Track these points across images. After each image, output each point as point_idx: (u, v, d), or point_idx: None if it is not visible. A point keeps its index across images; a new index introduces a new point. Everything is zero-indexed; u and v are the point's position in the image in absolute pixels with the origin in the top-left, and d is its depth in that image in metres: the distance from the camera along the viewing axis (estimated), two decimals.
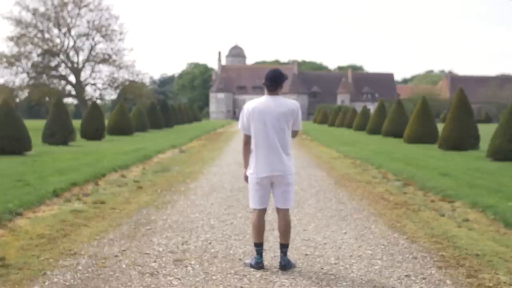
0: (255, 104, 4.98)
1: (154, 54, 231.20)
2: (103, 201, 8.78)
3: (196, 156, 17.79)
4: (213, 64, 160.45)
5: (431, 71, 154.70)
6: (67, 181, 10.57)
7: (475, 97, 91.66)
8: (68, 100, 59.21)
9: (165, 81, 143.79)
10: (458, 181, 11.04)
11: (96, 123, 26.44)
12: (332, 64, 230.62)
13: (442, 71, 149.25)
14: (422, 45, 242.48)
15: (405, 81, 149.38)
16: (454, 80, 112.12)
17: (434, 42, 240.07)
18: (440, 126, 25.54)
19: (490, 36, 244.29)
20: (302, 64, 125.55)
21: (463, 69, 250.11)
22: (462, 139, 20.51)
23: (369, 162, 15.54)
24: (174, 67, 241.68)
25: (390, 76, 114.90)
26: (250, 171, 5.03)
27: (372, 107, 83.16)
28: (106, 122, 31.81)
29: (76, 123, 27.77)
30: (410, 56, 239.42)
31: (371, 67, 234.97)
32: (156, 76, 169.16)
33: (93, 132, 26.27)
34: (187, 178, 11.77)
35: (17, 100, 53.05)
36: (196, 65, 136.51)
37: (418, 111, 25.53)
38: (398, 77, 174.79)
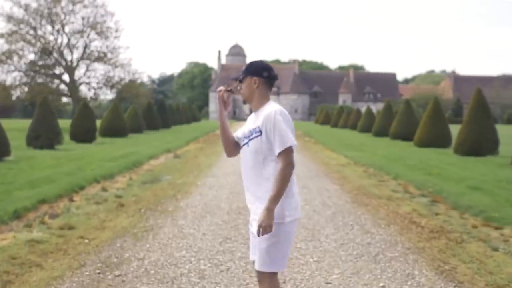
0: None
1: (153, 53, 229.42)
2: (72, 226, 7.14)
3: (191, 163, 16.15)
4: (213, 63, 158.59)
5: (432, 71, 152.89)
6: (36, 197, 8.96)
7: None
8: (64, 100, 57.37)
9: (164, 81, 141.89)
10: (495, 197, 9.43)
11: (86, 124, 24.73)
12: (332, 63, 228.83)
13: (443, 71, 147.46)
14: (422, 45, 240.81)
15: (406, 81, 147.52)
16: (457, 80, 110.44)
17: (435, 42, 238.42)
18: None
19: (491, 36, 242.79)
20: (302, 64, 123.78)
21: (464, 69, 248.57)
22: (480, 143, 18.92)
23: (384, 170, 13.93)
24: (174, 66, 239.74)
25: (392, 76, 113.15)
26: (288, 212, 3.27)
27: (374, 107, 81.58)
28: (100, 123, 30.20)
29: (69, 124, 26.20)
30: (411, 56, 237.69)
31: (372, 67, 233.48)
32: (155, 75, 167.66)
33: (84, 134, 24.55)
34: (178, 192, 10.13)
35: (13, 98, 51.26)
36: (196, 64, 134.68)
37: (430, 112, 23.91)
38: (399, 77, 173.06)
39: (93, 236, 6.65)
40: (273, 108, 3.37)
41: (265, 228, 3.13)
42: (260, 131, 3.34)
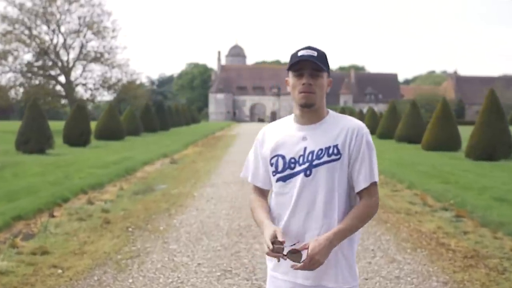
0: None
1: (153, 54, 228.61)
2: (46, 251, 6.13)
3: (189, 169, 15.12)
4: (213, 64, 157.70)
5: (433, 72, 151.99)
6: (12, 213, 7.95)
7: (481, 98, 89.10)
8: (63, 101, 56.20)
9: (164, 81, 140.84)
10: None
11: (80, 127, 23.66)
12: (333, 64, 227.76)
13: (444, 72, 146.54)
14: (423, 45, 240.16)
15: (407, 81, 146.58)
16: (459, 80, 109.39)
17: (435, 42, 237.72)
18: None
19: (492, 37, 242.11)
20: None
21: (465, 70, 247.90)
22: (494, 147, 17.92)
23: (396, 178, 12.90)
24: (173, 67, 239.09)
25: (393, 77, 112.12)
26: (357, 273, 2.43)
27: (375, 108, 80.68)
28: (95, 125, 29.19)
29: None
30: (411, 57, 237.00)
31: (372, 68, 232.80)
32: (155, 76, 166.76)
33: (77, 137, 23.50)
34: (172, 205, 9.10)
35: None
36: (196, 65, 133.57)
37: (438, 114, 22.93)
38: (399, 77, 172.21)
39: (69, 264, 5.64)
40: (356, 121, 2.36)
41: (316, 262, 2.13)
42: (339, 153, 2.27)
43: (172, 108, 52.91)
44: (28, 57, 48.11)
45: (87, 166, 14.59)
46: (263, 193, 2.47)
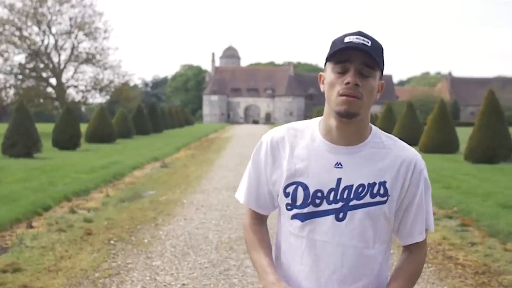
0: None
1: (147, 55, 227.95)
2: (18, 268, 5.60)
3: (179, 173, 14.58)
4: (207, 66, 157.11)
5: (427, 73, 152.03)
6: None
7: (476, 99, 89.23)
8: (56, 103, 55.36)
9: (158, 83, 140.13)
10: None
11: (69, 130, 23.08)
12: None
13: (438, 73, 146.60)
14: (417, 47, 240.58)
15: (401, 83, 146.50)
16: (454, 81, 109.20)
17: (429, 44, 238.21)
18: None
19: (486, 38, 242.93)
20: (297, 66, 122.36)
21: (459, 71, 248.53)
22: (493, 150, 17.54)
23: None
24: (167, 69, 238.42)
25: (388, 78, 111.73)
26: None
27: (371, 110, 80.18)
28: (86, 128, 28.62)
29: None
30: (406, 58, 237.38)
31: None
32: (149, 78, 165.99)
33: (67, 141, 22.93)
34: (159, 214, 8.56)
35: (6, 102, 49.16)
36: (190, 67, 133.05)
37: (436, 116, 22.62)
38: (394, 79, 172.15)
39: (41, 283, 5.10)
40: (410, 150, 1.74)
41: None
42: (387, 194, 1.65)
43: (165, 110, 52.32)
44: (18, 58, 47.41)
45: (74, 171, 14.02)
46: (262, 220, 1.85)
